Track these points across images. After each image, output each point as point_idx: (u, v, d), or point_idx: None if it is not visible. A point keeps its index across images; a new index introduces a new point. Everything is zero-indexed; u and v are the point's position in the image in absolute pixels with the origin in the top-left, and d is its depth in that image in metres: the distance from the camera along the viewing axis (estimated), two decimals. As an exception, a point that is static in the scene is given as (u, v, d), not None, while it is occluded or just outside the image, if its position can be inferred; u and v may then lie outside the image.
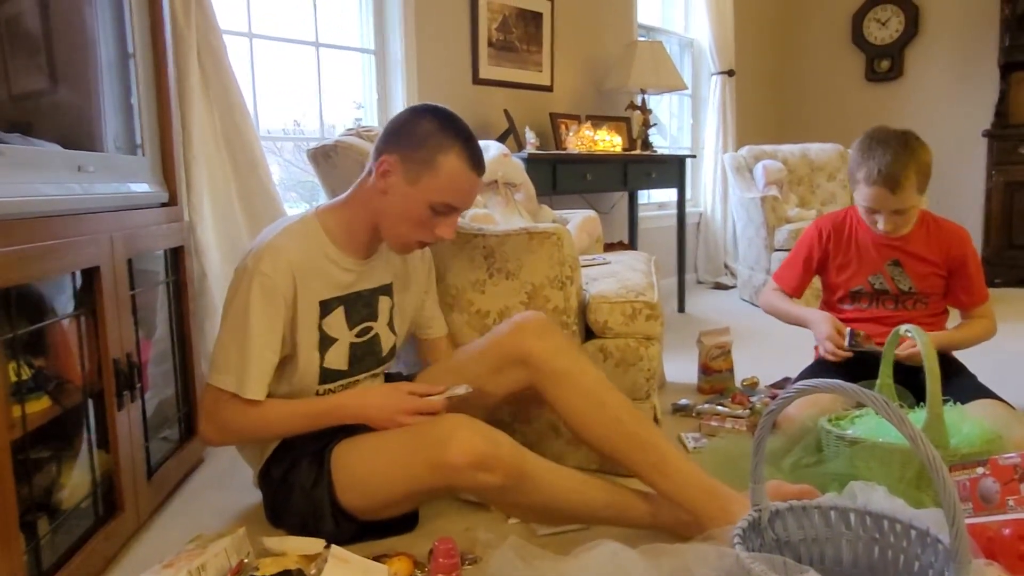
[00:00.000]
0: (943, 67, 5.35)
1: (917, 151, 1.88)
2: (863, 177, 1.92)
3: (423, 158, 1.43)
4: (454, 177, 1.44)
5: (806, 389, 1.14)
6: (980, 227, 4.81)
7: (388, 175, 1.45)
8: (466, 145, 1.45)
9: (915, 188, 1.89)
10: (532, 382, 1.54)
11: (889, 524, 1.24)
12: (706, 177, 4.97)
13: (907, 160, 1.86)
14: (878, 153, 1.89)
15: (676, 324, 3.63)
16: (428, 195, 1.44)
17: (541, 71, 3.66)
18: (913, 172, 1.86)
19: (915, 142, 1.90)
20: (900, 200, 1.88)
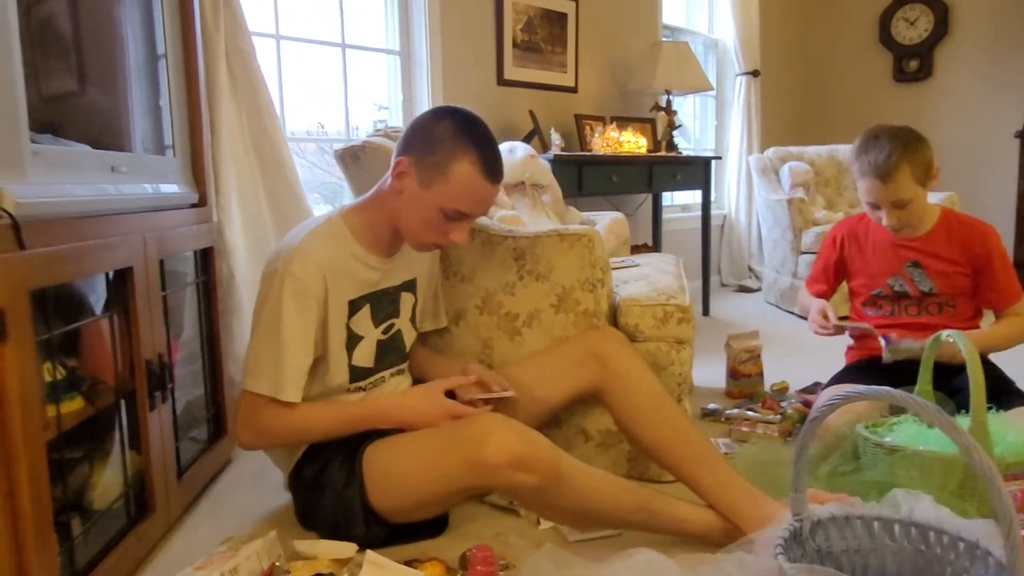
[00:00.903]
0: (973, 67, 5.27)
1: (910, 143, 1.88)
2: (858, 171, 1.94)
3: (436, 162, 1.42)
4: (466, 184, 1.42)
5: (853, 396, 1.11)
6: (1012, 229, 4.73)
7: (403, 177, 1.45)
8: (482, 152, 1.42)
9: (909, 179, 1.87)
10: (599, 381, 1.62)
11: (936, 535, 1.21)
12: (730, 179, 4.92)
13: (897, 151, 1.85)
14: (871, 147, 1.90)
15: (701, 327, 3.59)
16: (440, 200, 1.43)
17: (566, 72, 3.64)
18: (905, 162, 1.86)
19: (909, 135, 1.90)
20: (893, 191, 1.87)
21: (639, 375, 1.62)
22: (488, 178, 1.44)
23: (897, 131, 1.92)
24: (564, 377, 1.69)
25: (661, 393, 1.61)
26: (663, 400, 1.59)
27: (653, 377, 1.64)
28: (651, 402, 1.58)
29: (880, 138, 1.91)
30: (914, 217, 1.95)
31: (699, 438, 1.56)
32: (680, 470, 1.53)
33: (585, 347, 1.68)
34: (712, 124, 5.12)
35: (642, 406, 1.59)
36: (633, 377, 1.61)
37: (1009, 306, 1.97)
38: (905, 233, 1.99)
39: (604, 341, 1.68)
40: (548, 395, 1.69)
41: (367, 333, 1.55)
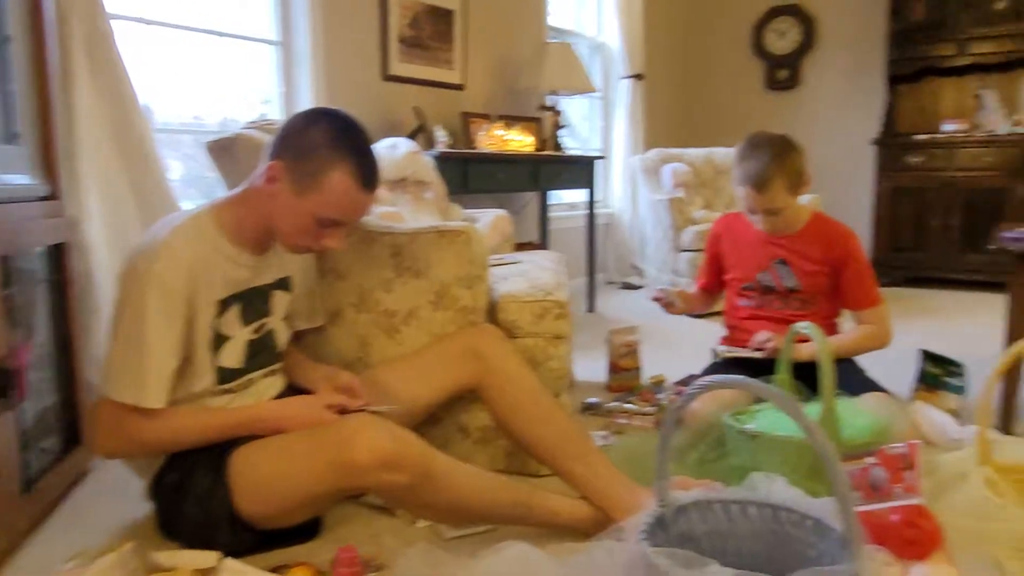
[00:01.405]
0: (836, 77, 5.63)
1: (785, 155, 1.98)
2: (735, 178, 2.05)
3: (310, 170, 1.37)
4: (341, 194, 1.38)
5: (710, 385, 1.16)
6: (870, 231, 5.08)
7: (274, 181, 1.40)
8: (358, 160, 1.39)
9: (782, 190, 1.98)
10: (477, 378, 1.64)
11: (786, 514, 1.28)
12: (616, 178, 5.05)
13: (772, 163, 1.96)
14: (749, 156, 2.00)
15: (586, 323, 3.67)
16: (313, 208, 1.39)
17: (452, 69, 3.63)
18: (778, 175, 1.96)
19: (784, 146, 2.00)
20: (767, 200, 1.98)
21: (517, 371, 1.64)
22: (363, 187, 1.41)
23: (774, 142, 2.01)
24: (442, 375, 1.69)
25: (538, 389, 1.64)
26: (540, 396, 1.62)
27: (531, 373, 1.66)
28: (528, 398, 1.61)
29: (758, 148, 2.01)
30: (785, 222, 2.07)
31: (575, 432, 1.60)
32: (556, 463, 1.56)
33: (463, 344, 1.69)
34: (599, 125, 5.24)
35: (519, 402, 1.61)
36: (511, 373, 1.64)
37: (863, 309, 2.11)
38: (780, 232, 2.11)
39: (482, 338, 1.69)
40: (426, 393, 1.69)
41: (236, 333, 1.49)
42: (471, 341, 1.68)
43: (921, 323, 3.75)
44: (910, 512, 1.16)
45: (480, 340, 1.68)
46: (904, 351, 2.36)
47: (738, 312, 2.20)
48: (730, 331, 2.24)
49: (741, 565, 1.31)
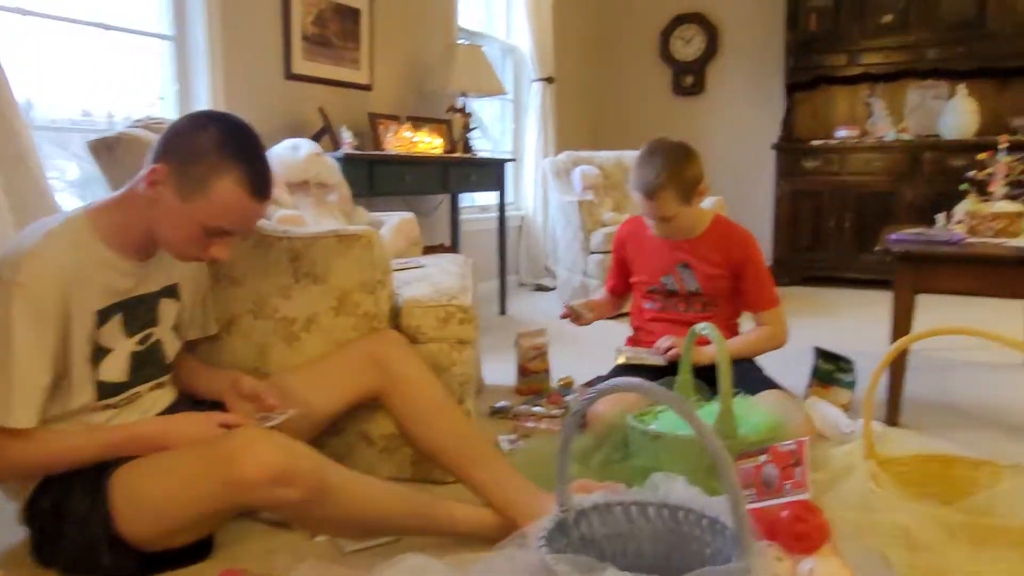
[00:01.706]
0: (738, 84, 5.83)
1: (678, 164, 2.02)
2: (631, 183, 2.09)
3: (197, 176, 1.30)
4: (229, 202, 1.32)
5: (607, 390, 1.16)
6: (771, 232, 5.28)
7: (157, 185, 1.32)
8: (249, 167, 1.32)
9: (672, 199, 2.01)
10: (380, 385, 1.62)
11: (684, 514, 1.30)
12: (528, 181, 5.08)
13: (664, 172, 1.99)
14: (644, 164, 2.04)
15: (498, 326, 3.66)
16: (200, 216, 1.32)
17: (359, 69, 3.56)
18: (668, 185, 1.99)
19: (679, 155, 2.04)
20: (658, 208, 2.02)
21: (420, 378, 1.62)
22: (255, 196, 1.35)
23: (668, 151, 2.04)
24: (344, 383, 1.65)
25: (442, 396, 1.62)
26: (444, 403, 1.61)
27: (434, 380, 1.65)
28: (431, 405, 1.60)
29: (653, 156, 2.04)
30: (679, 228, 2.10)
31: (478, 438, 1.59)
32: (460, 471, 1.55)
33: (365, 351, 1.65)
34: (510, 127, 5.25)
35: (422, 409, 1.60)
36: (414, 381, 1.62)
37: (761, 311, 2.17)
38: (677, 237, 2.14)
39: (384, 345, 1.66)
40: (327, 402, 1.64)
41: (118, 345, 1.40)
42: (373, 348, 1.65)
43: (817, 321, 3.92)
44: (799, 508, 1.19)
45: (382, 347, 1.65)
46: (801, 349, 2.45)
47: (643, 314, 2.23)
48: (635, 332, 2.27)
49: (641, 566, 1.33)
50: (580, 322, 2.19)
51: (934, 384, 2.72)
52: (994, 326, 3.32)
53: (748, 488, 1.33)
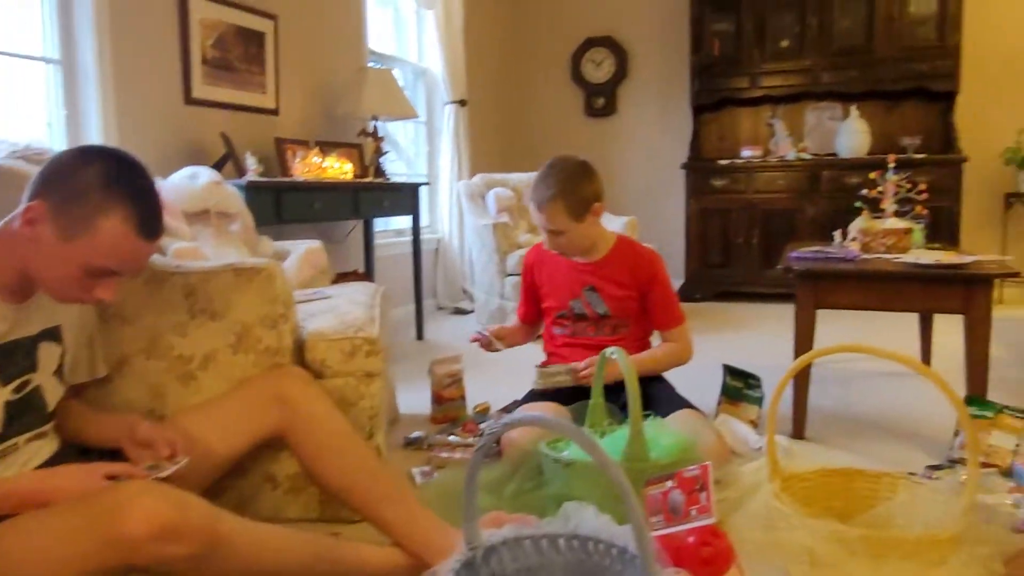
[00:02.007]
0: (648, 106, 5.98)
1: (572, 180, 2.05)
2: (528, 195, 2.12)
3: (81, 215, 1.22)
4: (115, 243, 1.24)
5: (509, 424, 1.14)
6: (683, 249, 5.41)
7: (36, 224, 1.23)
8: (135, 206, 1.25)
9: (562, 214, 2.04)
10: (283, 424, 1.55)
11: (593, 544, 1.29)
12: (443, 204, 5.05)
13: (556, 187, 2.03)
14: (541, 178, 2.08)
15: (415, 352, 3.61)
16: (83, 257, 1.23)
17: (265, 93, 3.48)
18: (559, 199, 2.02)
19: (575, 172, 2.07)
20: (548, 220, 2.05)
21: (324, 415, 1.57)
22: (143, 235, 1.27)
23: (566, 167, 2.08)
24: (245, 423, 1.57)
25: (347, 432, 1.57)
26: (349, 440, 1.56)
27: (339, 416, 1.59)
28: (337, 443, 1.54)
29: (551, 170, 2.08)
30: (573, 246, 2.11)
31: (387, 475, 1.55)
32: (367, 509, 1.50)
33: (266, 389, 1.58)
34: (424, 150, 5.23)
35: (328, 447, 1.54)
36: (318, 417, 1.56)
37: (669, 329, 2.20)
38: (580, 258, 2.16)
39: (287, 381, 1.60)
40: (228, 444, 1.56)
41: None
42: (274, 385, 1.58)
43: (727, 337, 4.02)
44: (704, 532, 1.20)
45: (285, 384, 1.59)
46: (713, 366, 2.50)
47: (554, 340, 2.23)
48: (549, 358, 2.26)
49: (553, 600, 1.31)
50: (490, 348, 2.17)
51: (837, 395, 2.82)
52: (891, 336, 3.50)
53: (656, 515, 1.33)
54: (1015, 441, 2.04)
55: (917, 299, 2.23)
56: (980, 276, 2.10)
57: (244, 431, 1.57)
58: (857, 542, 1.28)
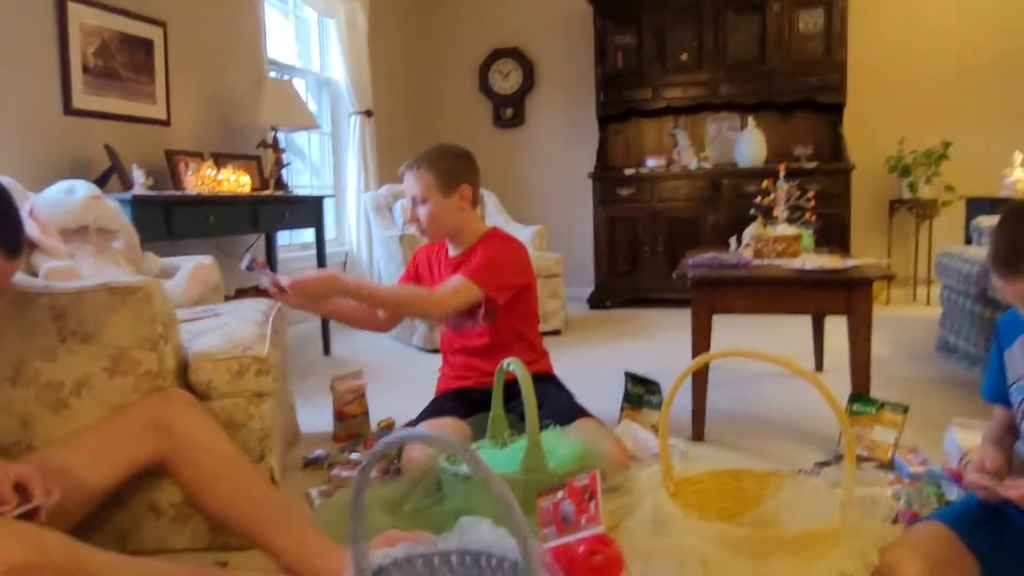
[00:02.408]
0: (555, 117, 6.06)
1: (445, 154, 2.16)
2: None
3: None
4: None
5: (393, 442, 1.11)
6: (592, 257, 5.49)
7: None
8: None
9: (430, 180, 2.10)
10: (163, 451, 1.48)
11: (486, 560, 1.27)
12: (350, 216, 4.97)
13: (428, 155, 2.14)
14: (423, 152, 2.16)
15: (320, 368, 3.52)
16: None
17: (155, 103, 3.33)
18: (428, 164, 2.11)
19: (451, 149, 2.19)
20: (414, 184, 2.11)
21: (207, 440, 1.50)
22: (4, 255, 1.21)
23: (445, 145, 2.20)
24: (122, 452, 1.49)
25: (233, 457, 1.51)
26: (235, 465, 1.50)
27: (224, 440, 1.53)
28: (221, 468, 1.48)
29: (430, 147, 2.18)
30: (435, 223, 2.13)
31: (275, 500, 1.50)
32: (255, 536, 1.44)
33: (144, 415, 1.51)
34: (330, 162, 5.13)
35: (212, 474, 1.48)
36: (200, 442, 1.49)
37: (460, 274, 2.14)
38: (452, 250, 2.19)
39: (166, 405, 1.52)
40: (104, 475, 1.47)
41: None
42: (153, 410, 1.51)
43: (632, 344, 4.10)
44: (593, 541, 1.20)
45: (164, 408, 1.52)
46: (618, 374, 2.54)
47: (445, 337, 2.25)
48: (443, 357, 2.27)
49: (446, 619, 1.29)
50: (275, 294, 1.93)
51: (736, 398, 2.90)
52: (787, 338, 3.63)
53: (548, 526, 1.33)
54: (895, 435, 2.15)
55: (804, 302, 2.32)
56: (860, 279, 2.20)
57: (120, 460, 1.48)
58: (742, 542, 1.30)
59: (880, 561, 1.33)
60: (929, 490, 1.85)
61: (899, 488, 1.90)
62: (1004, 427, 1.48)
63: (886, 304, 5.24)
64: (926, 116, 5.30)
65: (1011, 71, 5.13)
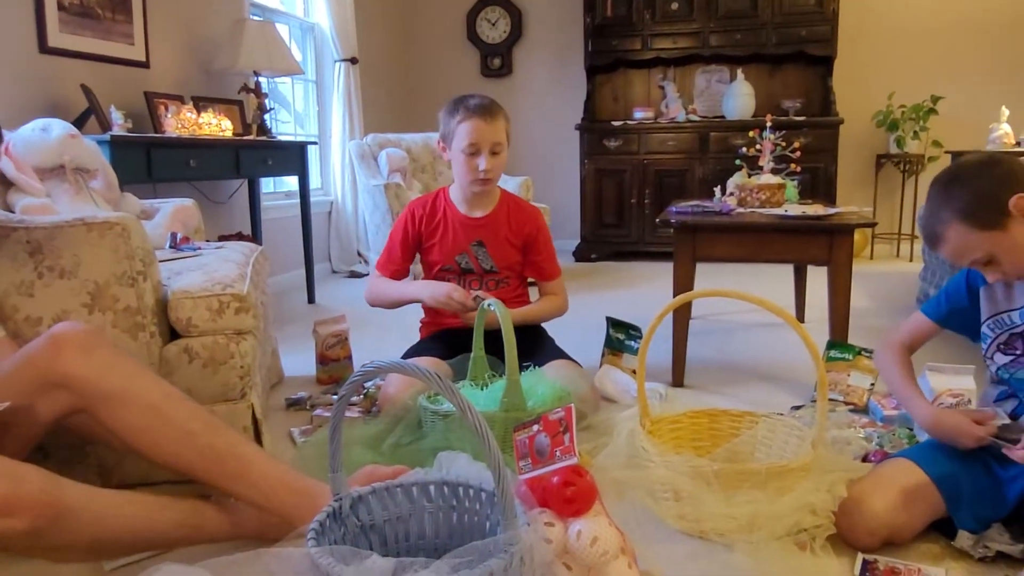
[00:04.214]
0: (543, 67, 5.98)
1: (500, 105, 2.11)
2: (460, 117, 2.05)
3: None
4: None
5: (369, 372, 1.12)
6: (578, 210, 5.47)
7: None
8: None
9: (504, 128, 2.07)
10: (80, 407, 1.29)
11: (464, 490, 1.30)
12: (335, 165, 4.92)
13: (494, 101, 2.09)
14: (469, 99, 2.07)
15: (305, 315, 3.53)
16: None
17: (133, 44, 3.26)
18: (500, 110, 2.07)
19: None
20: (495, 131, 2.04)
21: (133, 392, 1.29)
22: None
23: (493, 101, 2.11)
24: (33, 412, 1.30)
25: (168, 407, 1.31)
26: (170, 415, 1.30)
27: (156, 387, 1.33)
28: (152, 422, 1.29)
29: (473, 95, 2.09)
30: (498, 175, 2.10)
31: (228, 448, 1.33)
32: (215, 488, 1.35)
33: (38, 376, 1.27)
34: (314, 111, 5.06)
35: (140, 429, 1.29)
36: (123, 398, 1.28)
37: (547, 282, 2.25)
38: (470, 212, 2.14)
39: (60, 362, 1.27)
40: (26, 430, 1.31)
41: None
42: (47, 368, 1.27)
43: (617, 293, 4.12)
44: (567, 472, 1.22)
45: (57, 363, 1.26)
46: (600, 321, 2.55)
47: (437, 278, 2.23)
48: (426, 313, 2.25)
49: (423, 547, 1.31)
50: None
51: (717, 346, 2.94)
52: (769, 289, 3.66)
53: (524, 458, 1.35)
54: (870, 380, 2.18)
55: (785, 250, 2.33)
56: (840, 226, 2.21)
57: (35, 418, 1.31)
58: (713, 475, 1.33)
59: (848, 494, 1.36)
60: (901, 431, 1.89)
61: (872, 430, 1.94)
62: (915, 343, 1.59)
63: (870, 259, 5.28)
64: (916, 71, 5.27)
65: (1000, 27, 5.09)
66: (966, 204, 1.33)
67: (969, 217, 1.33)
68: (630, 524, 1.27)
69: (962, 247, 1.36)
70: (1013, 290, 1.44)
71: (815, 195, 4.29)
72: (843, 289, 2.27)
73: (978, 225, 1.32)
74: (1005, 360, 1.44)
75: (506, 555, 1.02)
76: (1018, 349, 1.43)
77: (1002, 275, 1.39)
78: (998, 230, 1.32)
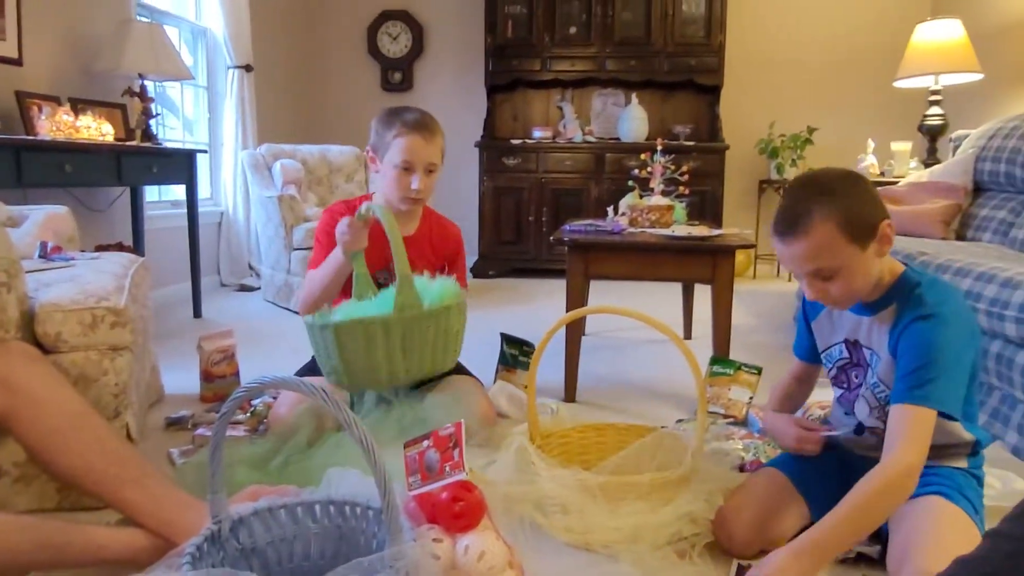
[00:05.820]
0: (444, 83, 6.00)
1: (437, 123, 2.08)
2: (396, 131, 1.96)
3: None
4: None
5: (254, 388, 1.09)
6: (476, 227, 5.50)
7: None
8: None
9: (440, 147, 2.03)
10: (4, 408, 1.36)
11: (350, 509, 1.28)
12: (227, 174, 4.76)
13: (433, 118, 2.04)
14: (407, 112, 2.00)
15: (191, 330, 3.38)
16: None
17: (4, 39, 3.06)
18: (439, 129, 2.03)
19: None
20: (431, 151, 1.98)
21: (52, 395, 1.40)
22: None
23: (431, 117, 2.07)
24: None
25: (81, 412, 1.42)
26: (85, 421, 1.41)
27: (72, 395, 1.44)
28: (69, 425, 1.38)
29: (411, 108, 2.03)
30: (428, 193, 2.04)
31: (129, 455, 1.42)
32: (107, 494, 1.37)
33: None
34: (205, 117, 4.88)
35: (58, 430, 1.38)
36: (45, 398, 1.39)
37: None
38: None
39: (4, 360, 1.42)
40: None
41: None
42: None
43: (512, 309, 4.16)
44: (456, 488, 1.22)
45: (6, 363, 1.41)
46: (495, 338, 2.57)
47: None
48: None
49: (308, 569, 1.28)
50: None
51: (609, 362, 3.01)
52: (659, 307, 3.79)
53: (414, 474, 1.34)
54: (749, 394, 2.30)
55: (672, 269, 2.42)
56: (722, 247, 2.33)
57: None
58: (598, 488, 1.37)
59: (724, 503, 1.43)
60: (775, 442, 2.00)
61: (749, 441, 2.04)
62: (796, 379, 1.63)
63: (753, 279, 5.55)
64: (794, 102, 5.62)
65: (869, 64, 5.50)
66: (847, 210, 1.27)
67: (845, 223, 1.26)
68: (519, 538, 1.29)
69: (821, 248, 1.27)
70: (834, 323, 1.48)
71: (703, 217, 4.48)
72: (725, 307, 2.38)
73: (849, 235, 1.27)
74: (839, 393, 1.49)
75: (391, 571, 1.01)
76: (844, 383, 1.47)
77: (824, 295, 1.33)
78: (859, 248, 1.28)
